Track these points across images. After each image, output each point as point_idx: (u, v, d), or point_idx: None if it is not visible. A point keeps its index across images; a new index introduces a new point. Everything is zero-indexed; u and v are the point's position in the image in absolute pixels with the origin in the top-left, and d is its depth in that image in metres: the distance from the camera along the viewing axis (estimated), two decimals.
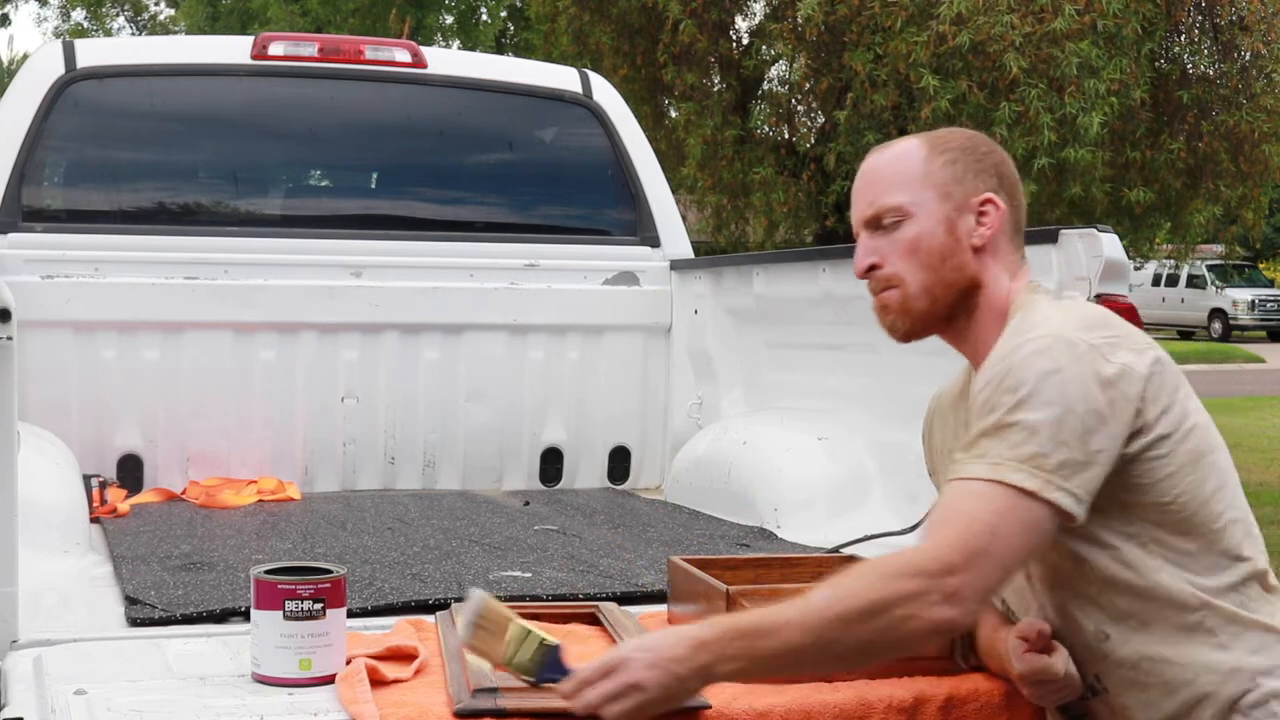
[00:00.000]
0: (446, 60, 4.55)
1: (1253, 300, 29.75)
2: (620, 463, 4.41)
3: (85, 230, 4.02)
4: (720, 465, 3.78)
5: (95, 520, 3.44)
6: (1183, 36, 9.20)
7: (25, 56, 17.95)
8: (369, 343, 4.18)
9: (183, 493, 3.93)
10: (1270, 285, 31.83)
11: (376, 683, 1.99)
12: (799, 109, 10.25)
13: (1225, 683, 1.87)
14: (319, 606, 2.05)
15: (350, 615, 2.15)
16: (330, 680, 2.03)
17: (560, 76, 4.57)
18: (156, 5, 23.55)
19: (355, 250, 4.19)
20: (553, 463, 4.36)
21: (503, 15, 19.88)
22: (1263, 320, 29.79)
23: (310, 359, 4.12)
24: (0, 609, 2.26)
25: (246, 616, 2.16)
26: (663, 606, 2.45)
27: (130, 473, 3.98)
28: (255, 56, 4.21)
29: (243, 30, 17.57)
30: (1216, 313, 29.85)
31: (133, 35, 22.47)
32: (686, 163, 9.65)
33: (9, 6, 24.55)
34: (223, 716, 1.90)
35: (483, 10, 19.74)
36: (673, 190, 5.07)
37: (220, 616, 2.49)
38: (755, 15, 10.30)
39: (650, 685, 1.76)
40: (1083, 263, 2.68)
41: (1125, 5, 8.04)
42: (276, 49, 4.23)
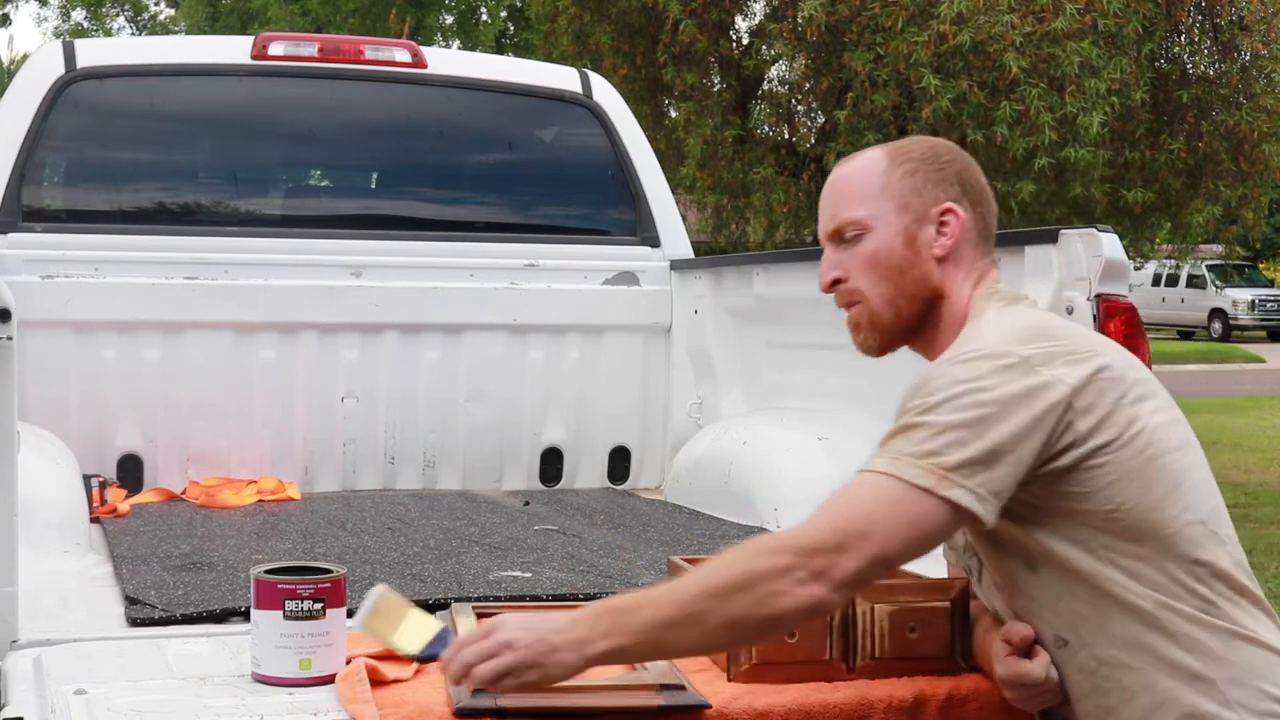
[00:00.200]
0: (446, 60, 4.55)
1: (1253, 300, 29.75)
2: (620, 463, 4.41)
3: (85, 230, 4.02)
4: (720, 465, 3.78)
5: (95, 520, 3.44)
6: (1183, 36, 9.20)
7: (25, 56, 17.94)
8: (369, 343, 4.18)
9: (183, 493, 3.93)
10: (1270, 285, 31.84)
11: (376, 683, 1.99)
12: (799, 109, 10.26)
13: (1186, 688, 1.84)
14: (319, 606, 2.05)
15: (350, 615, 2.15)
16: (330, 680, 2.03)
17: (560, 76, 4.57)
18: (156, 5, 23.58)
19: (355, 250, 4.19)
20: (553, 463, 4.36)
21: (503, 15, 19.90)
22: (1263, 320, 29.79)
23: (310, 359, 4.12)
24: (0, 609, 2.26)
25: (246, 616, 2.16)
26: None
27: (130, 473, 3.98)
28: (255, 56, 4.21)
29: (243, 30, 17.57)
30: (1216, 313, 29.86)
31: (133, 35, 22.48)
32: (686, 163, 9.65)
33: (9, 6, 24.56)
34: (223, 716, 1.91)
35: (483, 10, 19.75)
36: (673, 190, 5.07)
37: (220, 616, 2.49)
38: (755, 15, 10.31)
39: (522, 645, 1.78)
40: (1083, 263, 2.67)
41: (1125, 5, 8.04)
42: (276, 49, 4.23)
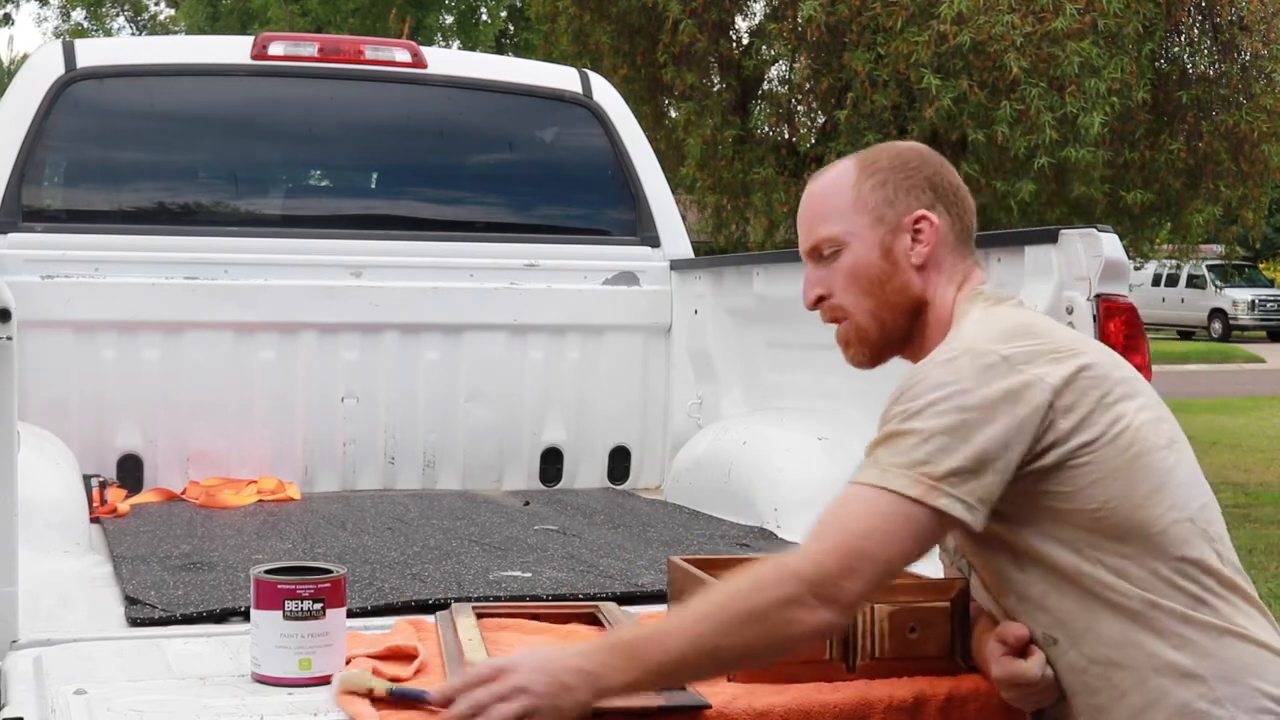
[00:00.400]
0: (446, 60, 4.55)
1: (1253, 300, 29.75)
2: (620, 463, 4.41)
3: (85, 230, 4.01)
4: (720, 465, 3.78)
5: (95, 520, 3.44)
6: (1183, 36, 9.21)
7: (25, 56, 17.94)
8: (369, 343, 4.17)
9: (183, 493, 3.92)
10: (1270, 285, 31.84)
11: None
12: (799, 109, 10.26)
13: (1177, 686, 1.84)
14: (319, 606, 2.05)
15: (350, 615, 2.15)
16: (330, 680, 2.02)
17: (560, 76, 4.57)
18: (156, 5, 23.59)
19: (355, 250, 4.19)
20: (553, 463, 4.36)
21: (503, 15, 19.89)
22: (1263, 320, 29.78)
23: (310, 359, 4.12)
24: (0, 609, 2.26)
25: (246, 616, 2.16)
26: (663, 606, 2.44)
27: (130, 473, 3.98)
28: (255, 56, 4.21)
29: (243, 30, 17.57)
30: (1216, 313, 29.86)
31: (133, 35, 22.48)
32: (686, 163, 9.65)
33: (10, 6, 24.56)
34: (223, 716, 1.91)
35: (483, 10, 19.75)
36: (673, 190, 5.07)
37: (220, 616, 2.49)
38: (755, 15, 10.31)
39: (537, 689, 1.77)
40: (1083, 263, 2.67)
41: (1125, 5, 8.04)
42: (276, 49, 4.23)
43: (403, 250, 4.24)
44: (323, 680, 2.03)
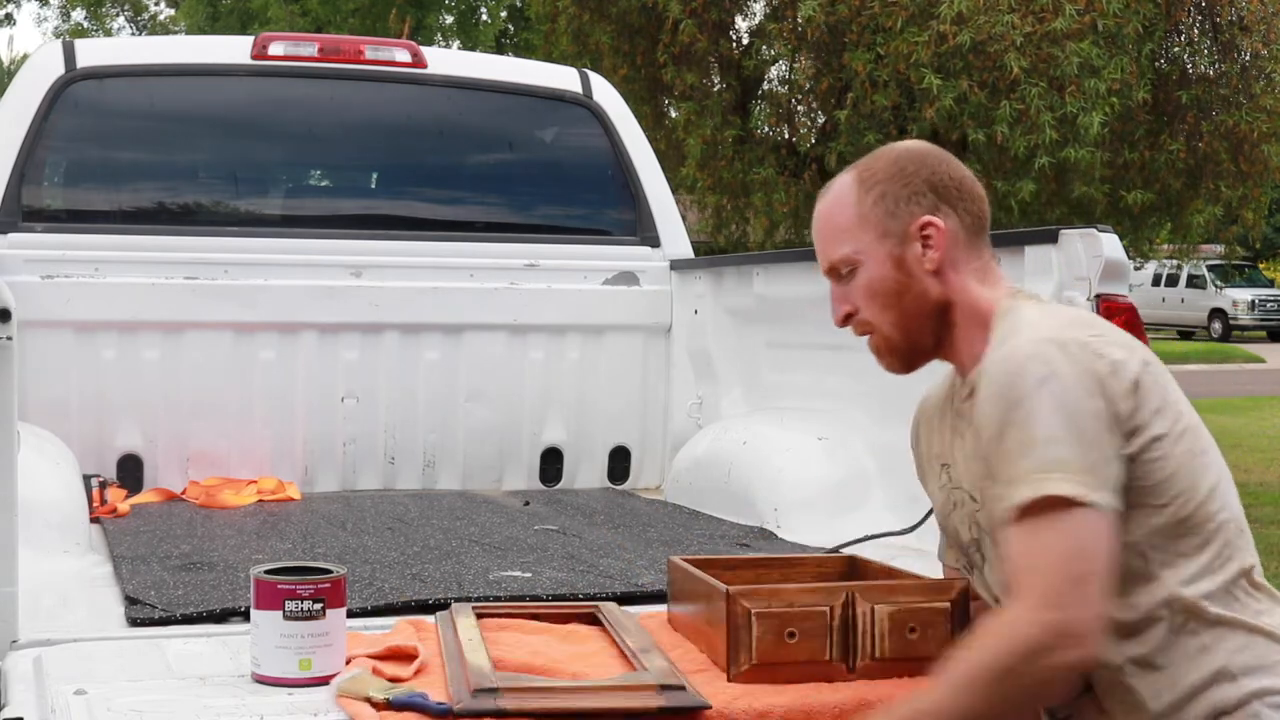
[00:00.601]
0: (446, 60, 4.55)
1: (1253, 300, 29.75)
2: (620, 463, 4.41)
3: (85, 230, 4.02)
4: (720, 465, 3.78)
5: (95, 520, 3.44)
6: (1183, 36, 9.20)
7: (25, 56, 17.94)
8: (369, 343, 4.18)
9: (183, 493, 3.93)
10: (1270, 285, 31.84)
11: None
12: (799, 109, 10.26)
13: (1210, 685, 1.85)
14: (319, 606, 2.05)
15: (350, 615, 2.16)
16: (329, 680, 2.03)
17: (560, 76, 4.57)
18: (156, 5, 23.59)
19: (355, 250, 4.20)
20: (553, 463, 4.36)
21: (503, 15, 19.89)
22: (1263, 320, 29.78)
23: (310, 359, 4.12)
24: (0, 609, 2.26)
25: (246, 616, 2.16)
26: (663, 606, 2.45)
27: (130, 473, 3.98)
28: (255, 56, 4.22)
29: (243, 30, 17.57)
30: (1216, 313, 29.85)
31: (133, 35, 22.48)
32: (686, 163, 9.64)
33: (10, 6, 24.56)
34: (223, 716, 1.91)
35: (483, 10, 19.74)
36: (673, 190, 5.07)
37: (220, 616, 2.49)
38: (755, 15, 10.30)
39: None
40: (1083, 263, 2.68)
41: (1125, 5, 8.04)
42: (276, 49, 4.23)
43: (403, 250, 4.24)
44: (323, 680, 2.03)
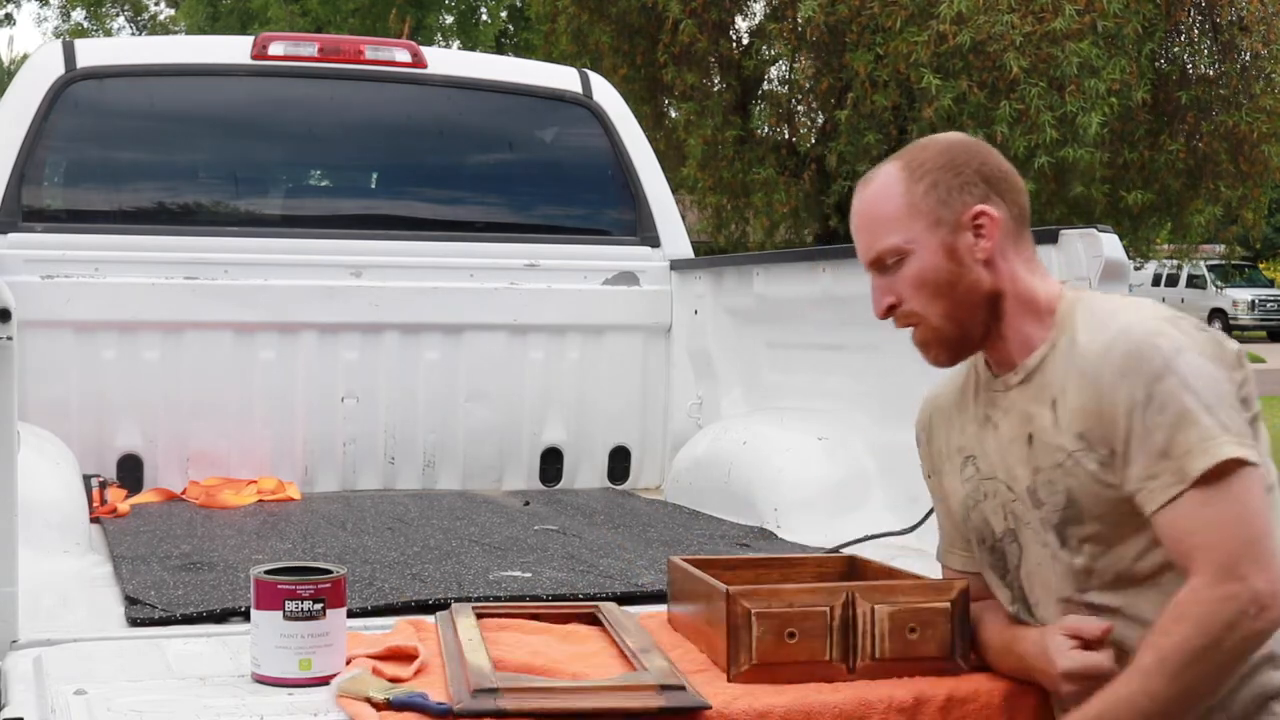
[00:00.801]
0: (446, 60, 4.55)
1: (1253, 300, 29.75)
2: (620, 463, 4.41)
3: (85, 230, 4.02)
4: (720, 465, 3.78)
5: (95, 520, 3.44)
6: (1183, 37, 9.21)
7: (25, 56, 17.94)
8: (369, 343, 4.18)
9: (183, 493, 3.93)
10: (1270, 285, 31.84)
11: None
12: (799, 109, 10.27)
13: (1258, 670, 1.85)
14: (319, 606, 2.05)
15: (350, 615, 2.15)
16: (329, 680, 2.02)
17: (560, 76, 4.57)
18: (156, 5, 23.59)
19: (355, 250, 4.20)
20: (553, 463, 4.36)
21: (503, 15, 19.90)
22: (1263, 320, 29.78)
23: (310, 359, 4.12)
24: (0, 609, 2.26)
25: (246, 616, 2.16)
26: (663, 606, 2.45)
27: (130, 473, 3.98)
28: (255, 56, 4.21)
29: (243, 30, 17.58)
30: (1216, 313, 29.82)
31: (133, 35, 22.48)
32: (686, 163, 9.66)
33: (10, 6, 24.56)
34: (223, 716, 1.90)
35: (483, 10, 19.75)
36: (673, 190, 5.07)
37: (220, 616, 2.49)
38: (755, 15, 10.31)
39: None
40: (1083, 262, 2.67)
41: (1125, 5, 8.05)
42: (276, 49, 4.23)
43: (403, 250, 4.24)
44: (323, 680, 2.03)
